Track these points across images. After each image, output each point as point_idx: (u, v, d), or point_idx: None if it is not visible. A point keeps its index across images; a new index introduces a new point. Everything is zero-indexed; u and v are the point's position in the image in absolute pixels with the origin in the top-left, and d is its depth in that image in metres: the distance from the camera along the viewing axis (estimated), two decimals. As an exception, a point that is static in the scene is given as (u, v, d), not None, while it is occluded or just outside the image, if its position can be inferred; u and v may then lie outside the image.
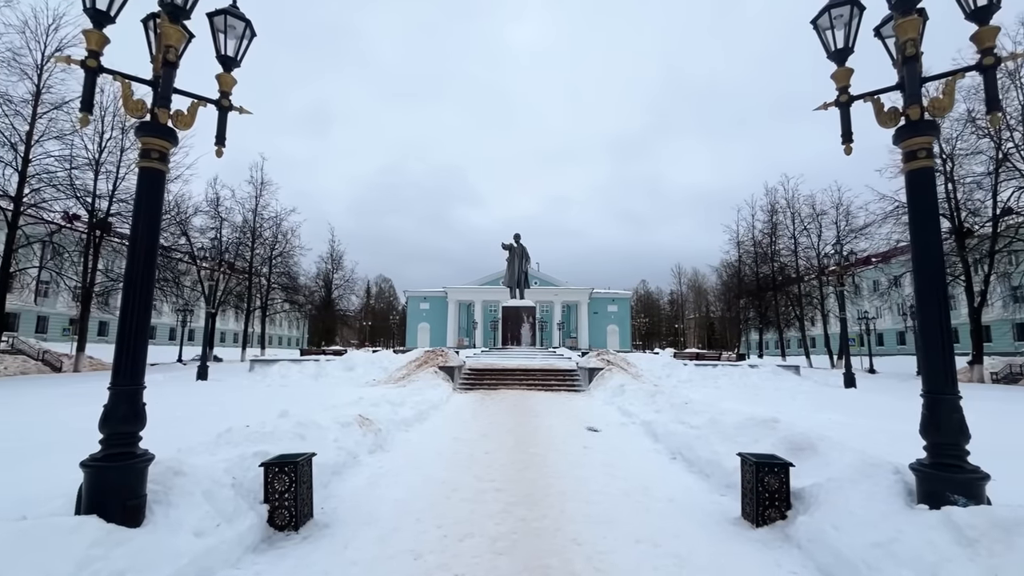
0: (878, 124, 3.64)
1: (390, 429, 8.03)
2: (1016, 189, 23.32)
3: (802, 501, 4.18)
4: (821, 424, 8.34)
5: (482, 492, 5.11)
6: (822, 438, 5.32)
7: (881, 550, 3.15)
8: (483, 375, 18.05)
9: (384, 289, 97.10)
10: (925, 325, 3.43)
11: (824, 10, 3.92)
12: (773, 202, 43.49)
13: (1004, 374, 26.43)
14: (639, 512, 4.64)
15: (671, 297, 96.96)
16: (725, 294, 58.01)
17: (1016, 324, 37.72)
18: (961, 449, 3.29)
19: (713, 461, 5.92)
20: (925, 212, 3.45)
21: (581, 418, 10.54)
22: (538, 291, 49.85)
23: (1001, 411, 12.23)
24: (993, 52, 3.34)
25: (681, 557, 3.64)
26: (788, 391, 16.29)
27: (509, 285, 29.55)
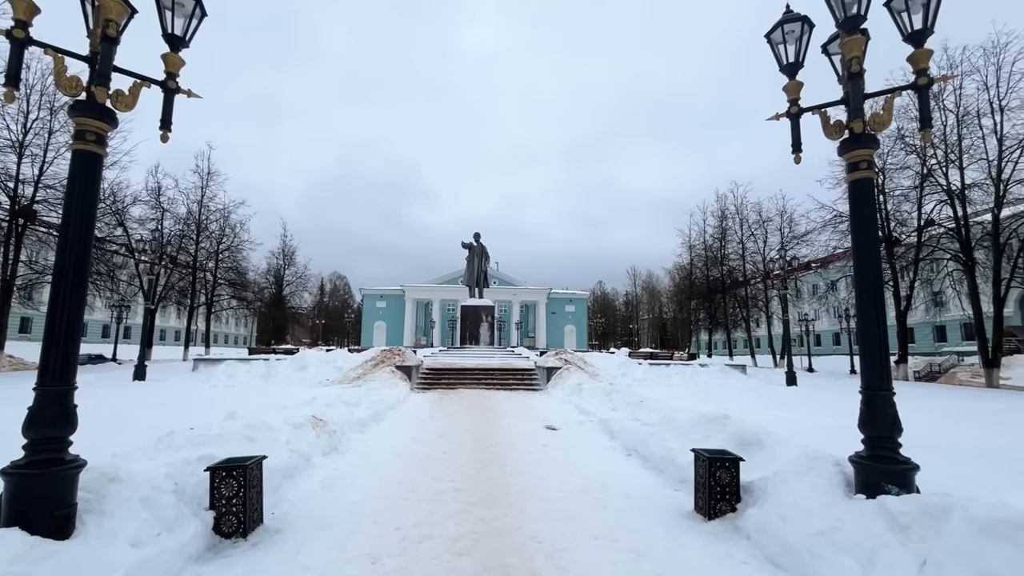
0: (824, 136, 3.85)
1: (345, 430, 7.80)
2: (938, 202, 25.32)
3: (751, 494, 4.37)
4: (767, 420, 8.73)
5: (441, 492, 5.05)
6: (769, 433, 5.58)
7: (823, 538, 3.33)
8: (441, 374, 17.87)
9: (339, 286, 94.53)
10: (864, 327, 3.65)
11: (777, 25, 4.11)
12: (723, 208, 45.45)
13: (925, 372, 28.68)
14: (597, 508, 4.71)
15: (626, 298, 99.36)
16: (677, 296, 60.09)
17: (936, 326, 40.99)
18: (894, 442, 3.52)
19: (667, 457, 6.09)
20: (865, 219, 3.68)
21: (540, 417, 10.61)
22: (497, 291, 49.87)
23: (923, 407, 13.23)
24: (927, 73, 3.60)
25: (638, 551, 3.72)
26: (736, 389, 17.02)
27: (468, 284, 29.42)
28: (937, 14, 3.60)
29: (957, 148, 23.87)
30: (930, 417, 11.03)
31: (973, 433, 9.16)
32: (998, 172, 22.54)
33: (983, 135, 23.25)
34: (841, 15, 3.67)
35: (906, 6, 3.64)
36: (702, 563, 3.59)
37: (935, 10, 3.59)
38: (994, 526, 2.65)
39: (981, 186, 23.50)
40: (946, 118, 24.19)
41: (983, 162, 23.33)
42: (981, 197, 23.68)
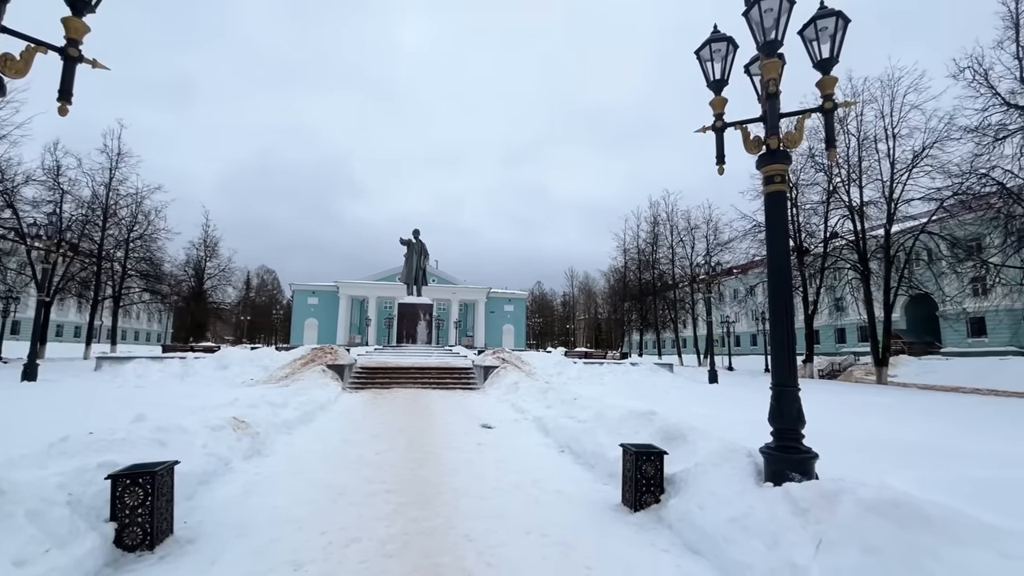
0: (744, 150, 4.14)
1: (270, 432, 7.41)
2: (841, 217, 27.99)
3: (674, 485, 4.61)
4: (691, 416, 9.25)
5: (372, 494, 4.92)
6: (691, 428, 5.91)
7: (736, 524, 3.58)
8: (376, 373, 17.41)
9: (267, 281, 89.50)
10: (774, 329, 3.97)
11: (705, 43, 4.37)
12: (656, 215, 47.62)
13: (827, 370, 31.55)
14: (529, 504, 4.79)
15: (564, 299, 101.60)
16: (612, 297, 62.25)
17: (837, 329, 45.26)
18: (799, 433, 3.86)
19: (598, 452, 6.29)
20: (778, 229, 4.00)
21: (476, 415, 10.61)
22: (436, 289, 49.31)
23: (825, 402, 14.56)
24: (832, 98, 3.97)
25: (567, 544, 3.82)
26: (663, 387, 17.90)
27: (406, 281, 28.84)
28: (841, 46, 3.97)
29: (858, 169, 26.51)
30: (830, 411, 12.15)
31: (865, 424, 10.20)
32: (890, 192, 25.26)
33: (879, 158, 25.98)
34: (761, 39, 3.97)
35: (816, 36, 4.00)
36: (627, 553, 3.75)
37: (840, 42, 3.96)
38: (877, 506, 2.97)
39: (876, 203, 26.24)
40: (849, 141, 26.79)
41: (878, 182, 26.07)
42: (876, 213, 26.43)
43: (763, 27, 3.96)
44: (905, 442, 8.20)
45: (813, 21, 3.99)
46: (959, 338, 35.59)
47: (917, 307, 37.80)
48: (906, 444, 8.01)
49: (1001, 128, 19.01)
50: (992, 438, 8.79)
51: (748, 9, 4.03)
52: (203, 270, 49.09)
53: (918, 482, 5.37)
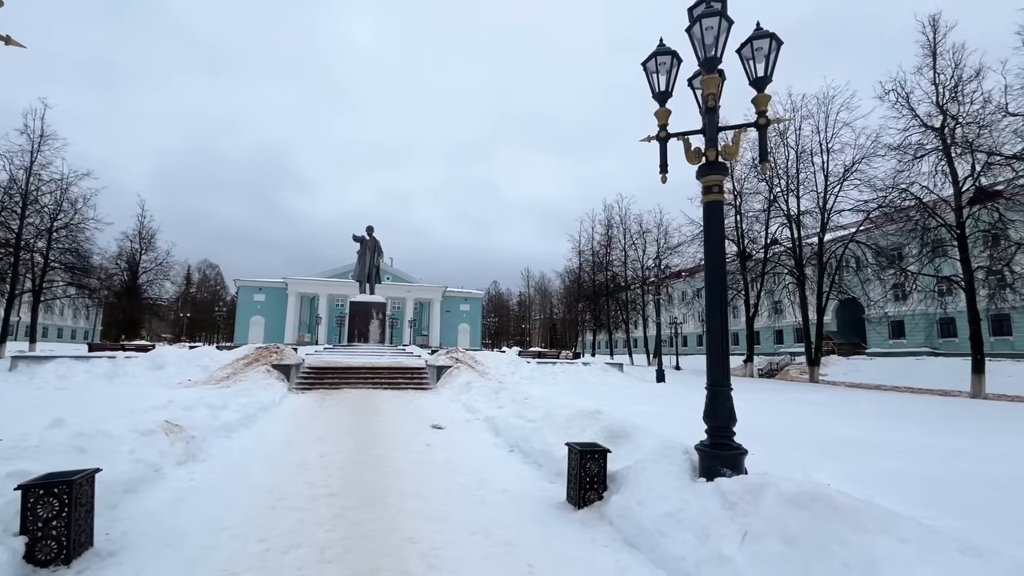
0: (686, 160, 4.33)
1: (207, 436, 7.07)
2: (780, 225, 29.64)
3: (616, 482, 4.75)
4: (636, 414, 9.56)
5: (314, 499, 4.80)
6: (635, 426, 6.12)
7: (671, 519, 3.75)
8: (324, 374, 16.92)
9: (209, 276, 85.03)
10: (710, 331, 4.18)
11: (652, 56, 4.53)
12: (609, 217, 48.67)
13: (766, 370, 33.33)
14: (475, 505, 4.81)
15: (520, 298, 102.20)
16: (567, 297, 63.20)
17: (775, 330, 47.85)
18: (730, 431, 4.08)
19: (546, 452, 6.39)
20: (715, 237, 4.22)
21: (427, 416, 10.52)
22: (390, 287, 48.41)
23: (763, 399, 15.41)
24: (765, 115, 4.21)
25: (510, 543, 3.87)
26: (613, 386, 18.37)
27: (359, 279, 28.21)
28: (775, 66, 4.23)
29: (796, 180, 28.18)
30: (767, 408, 12.85)
31: (797, 421, 10.87)
32: (824, 202, 27.00)
33: (814, 170, 27.72)
34: (702, 55, 4.17)
35: (752, 55, 4.23)
36: (568, 549, 3.84)
37: (773, 63, 4.22)
38: (796, 499, 3.19)
39: (812, 213, 27.97)
40: (789, 153, 28.43)
41: (814, 193, 27.80)
42: (811, 222, 28.19)
43: (704, 44, 4.15)
44: (831, 437, 8.80)
45: (750, 41, 4.22)
46: (882, 339, 38.47)
47: (846, 310, 40.55)
48: (832, 439, 8.60)
49: (919, 147, 20.71)
50: (906, 433, 9.57)
51: (691, 26, 4.22)
52: (138, 263, 45.96)
53: (839, 475, 5.81)
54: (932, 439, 8.79)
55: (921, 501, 4.75)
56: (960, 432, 9.83)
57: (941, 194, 20.53)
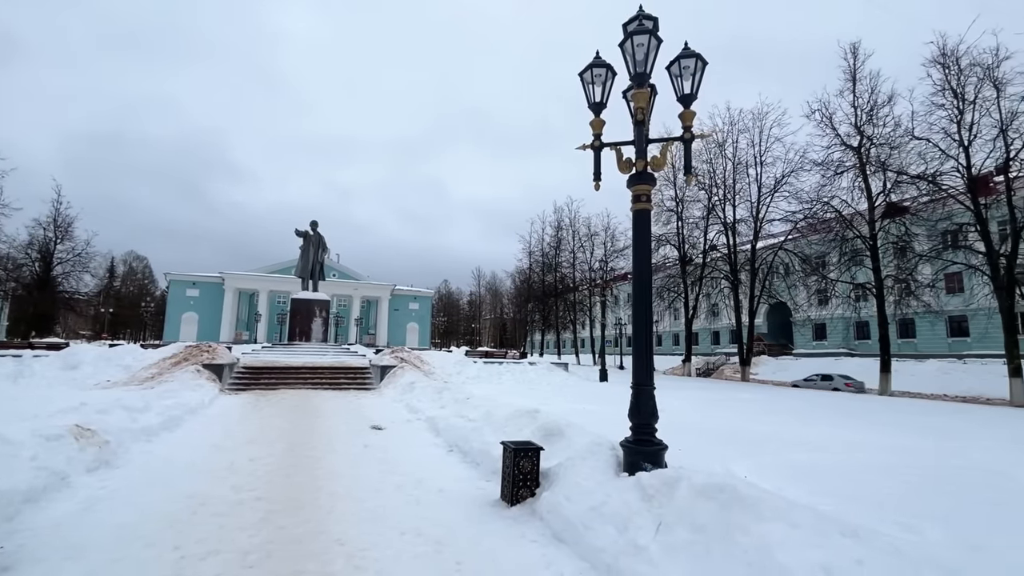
0: (618, 170, 4.52)
1: (124, 440, 6.63)
2: (718, 232, 31.26)
3: (548, 479, 4.89)
4: (575, 413, 9.83)
5: (239, 503, 4.63)
6: (570, 424, 6.30)
7: (595, 512, 3.91)
8: (261, 374, 16.22)
9: (136, 269, 79.17)
10: (636, 333, 4.39)
11: (588, 67, 4.70)
12: (559, 219, 49.53)
13: (703, 369, 35.00)
14: (409, 505, 4.81)
15: (471, 298, 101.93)
16: (517, 298, 63.66)
17: (712, 332, 50.34)
18: (652, 428, 4.30)
19: (484, 451, 6.47)
20: (642, 244, 4.43)
21: (367, 417, 10.34)
22: (336, 284, 47.04)
23: (697, 397, 16.21)
24: (690, 130, 4.48)
25: (441, 542, 3.91)
26: (557, 385, 18.73)
27: (301, 275, 27.20)
28: (700, 85, 4.50)
29: (732, 190, 29.81)
30: (700, 406, 13.54)
31: (725, 418, 11.51)
32: (757, 212, 28.74)
33: (749, 182, 29.49)
34: (633, 70, 4.38)
35: (680, 73, 4.48)
36: (498, 545, 3.92)
37: (699, 81, 4.49)
38: (706, 490, 3.42)
39: (746, 222, 29.72)
40: (726, 165, 30.07)
41: (748, 203, 29.54)
42: (746, 230, 29.92)
43: (635, 59, 4.36)
44: (754, 433, 9.41)
45: (678, 60, 4.47)
46: (806, 341, 41.35)
47: (776, 314, 43.28)
48: (754, 434, 9.20)
49: (840, 164, 22.50)
50: (819, 427, 10.39)
51: (623, 41, 4.42)
52: (52, 253, 42.10)
53: (756, 467, 6.24)
54: (839, 432, 9.60)
55: (821, 489, 5.20)
56: (863, 426, 10.78)
57: (858, 208, 22.39)
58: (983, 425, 11.47)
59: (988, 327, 24.92)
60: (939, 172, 19.11)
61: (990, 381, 20.11)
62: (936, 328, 31.57)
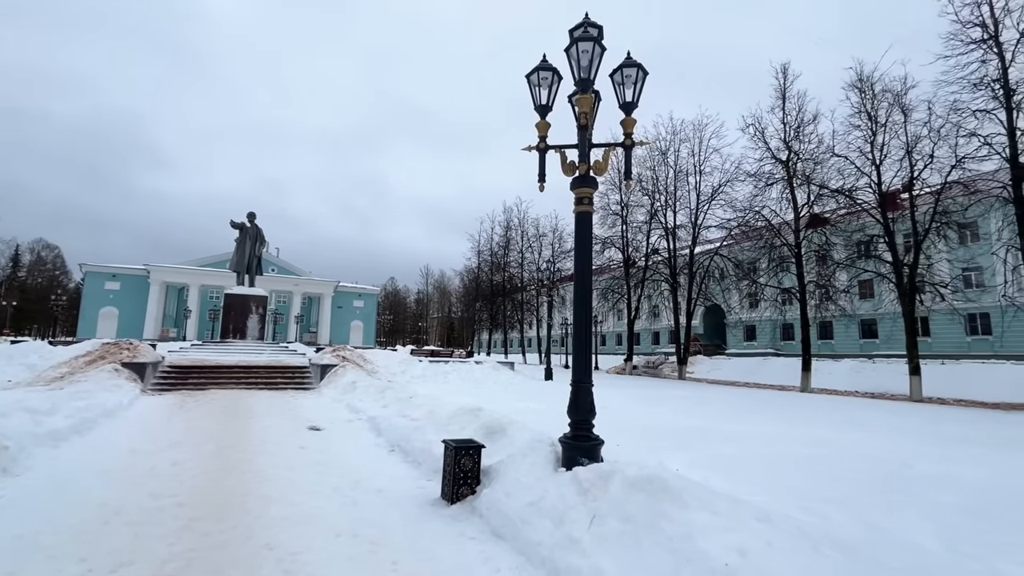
0: (562, 172, 4.63)
1: (27, 445, 6.04)
2: (660, 236, 32.55)
3: (488, 476, 4.93)
4: (519, 411, 9.94)
5: (158, 510, 4.35)
6: (512, 422, 6.37)
7: (533, 507, 3.98)
8: (189, 373, 15.25)
9: (45, 259, 72.16)
10: (576, 332, 4.52)
11: (535, 70, 4.78)
12: (509, 220, 49.84)
13: (644, 368, 36.29)
14: (346, 507, 4.69)
15: (418, 296, 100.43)
16: (465, 297, 63.43)
17: (653, 332, 52.35)
18: (590, 424, 4.44)
19: (425, 450, 6.42)
20: (584, 246, 4.57)
21: (305, 417, 9.98)
22: (275, 280, 45.04)
23: (637, 395, 16.80)
24: (631, 136, 4.65)
25: (377, 543, 3.85)
26: (503, 384, 18.83)
27: (237, 269, 25.79)
28: (641, 93, 4.68)
29: (673, 196, 31.12)
30: (639, 403, 14.05)
31: (663, 414, 12.02)
32: (695, 218, 30.18)
33: (689, 189, 30.89)
34: (577, 76, 4.50)
35: (622, 81, 4.65)
36: (436, 544, 3.91)
37: (640, 90, 4.67)
38: (637, 482, 3.58)
39: (685, 227, 31.13)
40: (668, 172, 31.34)
41: (688, 209, 30.94)
42: (685, 236, 31.33)
43: (580, 65, 4.48)
44: (688, 427, 9.90)
45: (620, 68, 4.64)
46: (738, 341, 43.86)
47: (711, 315, 45.61)
48: (689, 429, 9.68)
49: (770, 176, 24.02)
50: (748, 422, 11.06)
51: (569, 47, 4.53)
52: (-59, 239, 37.54)
53: (688, 460, 6.56)
54: (765, 427, 10.26)
55: (743, 479, 5.56)
56: (785, 420, 11.59)
57: (785, 218, 23.99)
58: (886, 418, 12.63)
59: (893, 330, 27.47)
60: (855, 187, 20.84)
61: (894, 378, 22.15)
62: (850, 330, 34.40)
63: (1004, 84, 15.83)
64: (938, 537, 3.97)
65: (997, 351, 25.62)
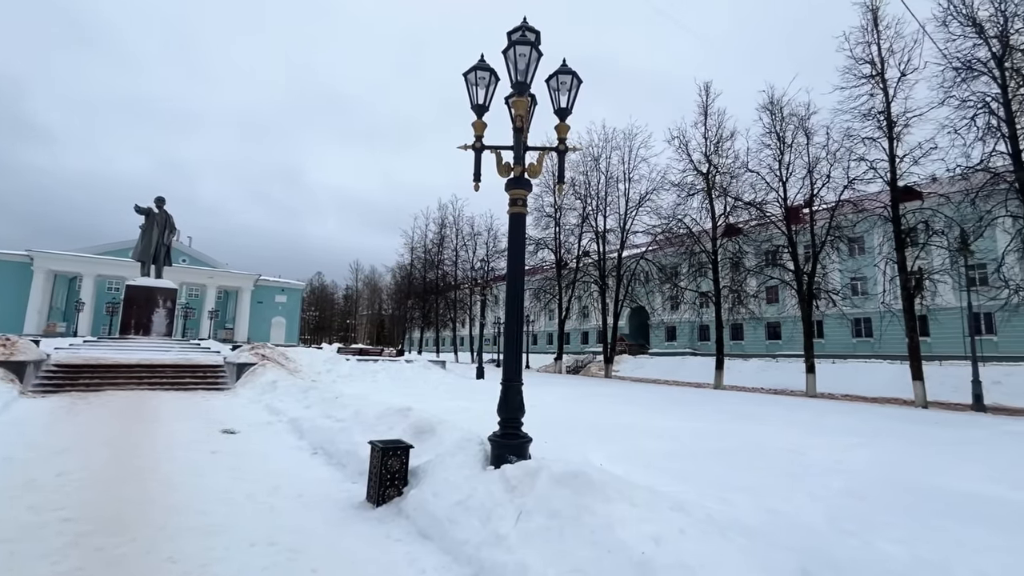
0: (497, 172, 4.66)
1: None
2: (590, 239, 33.65)
3: (416, 477, 4.86)
4: (450, 410, 9.88)
5: (40, 526, 3.88)
6: (442, 421, 6.32)
7: (461, 506, 3.98)
8: (79, 373, 13.71)
9: None
10: (508, 332, 4.57)
11: (472, 69, 4.78)
12: (444, 216, 49.33)
13: (573, 367, 37.34)
14: (262, 514, 4.44)
15: (347, 292, 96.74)
16: (397, 294, 61.97)
17: (582, 332, 54.01)
18: (519, 422, 4.51)
19: (351, 451, 6.21)
20: (517, 246, 4.63)
21: (218, 420, 9.30)
22: (187, 271, 41.63)
23: (566, 394, 17.26)
24: (565, 142, 4.78)
25: (296, 550, 3.67)
26: (434, 383, 18.62)
27: (142, 259, 23.53)
28: (575, 100, 4.82)
29: (604, 202, 32.31)
30: (568, 401, 14.44)
31: (589, 411, 12.45)
32: (624, 223, 31.51)
33: (619, 195, 32.18)
34: (514, 78, 4.56)
35: (558, 87, 4.77)
36: (360, 549, 3.80)
37: (574, 98, 4.81)
38: (563, 478, 3.68)
39: (614, 232, 32.40)
40: (600, 178, 32.47)
41: (617, 214, 32.24)
42: (614, 240, 32.62)
43: (517, 68, 4.54)
44: (613, 424, 10.32)
45: (556, 74, 4.75)
46: (660, 341, 46.31)
47: (636, 316, 47.81)
48: (613, 425, 10.09)
49: (692, 187, 25.62)
50: (668, 418, 11.71)
51: (507, 49, 4.58)
52: None
53: (611, 455, 6.84)
54: (683, 422, 10.94)
55: (663, 471, 5.89)
56: (701, 416, 12.41)
57: (704, 226, 25.68)
58: (785, 412, 13.90)
59: (794, 332, 30.24)
60: (765, 201, 22.78)
61: (794, 376, 24.42)
62: (758, 332, 37.45)
63: (887, 116, 17.95)
64: (826, 518, 4.44)
65: (877, 352, 28.99)
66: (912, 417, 13.81)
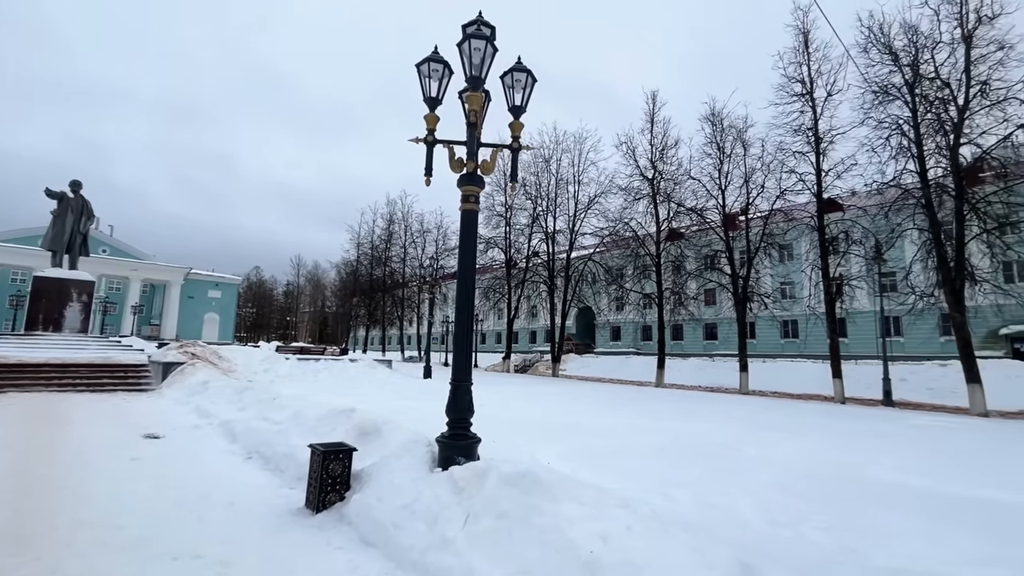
0: (449, 168, 4.57)
1: None
2: (540, 240, 34.00)
3: (359, 481, 4.67)
4: (396, 410, 9.65)
5: (-82, 548, 3.40)
6: (387, 422, 6.13)
7: (407, 510, 3.86)
8: (-25, 373, 12.28)
9: None
10: (458, 331, 4.49)
11: (426, 60, 4.66)
12: (392, 213, 48.24)
13: (521, 366, 37.61)
14: (188, 524, 4.12)
15: (288, 288, 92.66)
16: (342, 290, 60.00)
17: (531, 331, 54.51)
18: (468, 422, 4.44)
19: (289, 455, 5.91)
20: (468, 243, 4.56)
21: (140, 424, 8.59)
22: (107, 262, 38.43)
23: (514, 393, 17.32)
24: (518, 140, 4.75)
25: (226, 562, 3.43)
26: (379, 382, 18.16)
27: (53, 248, 21.38)
28: (529, 99, 4.81)
29: (554, 203, 32.74)
30: (516, 400, 14.47)
31: (536, 410, 12.54)
32: (573, 224, 32.07)
33: (568, 197, 32.73)
34: (468, 73, 4.48)
35: (512, 84, 4.73)
36: (296, 557, 3.60)
37: (528, 96, 4.79)
38: (511, 479, 3.65)
39: (563, 233, 32.90)
40: (550, 179, 32.89)
41: (567, 216, 32.77)
42: (563, 240, 33.14)
43: (471, 62, 4.46)
44: (560, 422, 10.44)
45: (511, 72, 4.71)
46: (605, 341, 47.54)
47: (583, 316, 48.81)
48: (560, 424, 10.20)
49: (638, 192, 26.46)
50: (615, 416, 11.99)
51: (462, 42, 4.49)
52: None
53: (559, 453, 6.91)
54: (628, 420, 11.24)
55: (610, 469, 6.01)
56: (645, 413, 12.82)
57: (649, 230, 26.59)
58: (722, 408, 14.62)
59: (729, 333, 31.92)
60: (704, 208, 23.93)
61: (729, 374, 25.78)
62: (696, 332, 39.24)
63: (815, 132, 19.31)
64: (758, 511, 4.67)
65: (802, 352, 31.13)
66: (832, 412, 14.92)
